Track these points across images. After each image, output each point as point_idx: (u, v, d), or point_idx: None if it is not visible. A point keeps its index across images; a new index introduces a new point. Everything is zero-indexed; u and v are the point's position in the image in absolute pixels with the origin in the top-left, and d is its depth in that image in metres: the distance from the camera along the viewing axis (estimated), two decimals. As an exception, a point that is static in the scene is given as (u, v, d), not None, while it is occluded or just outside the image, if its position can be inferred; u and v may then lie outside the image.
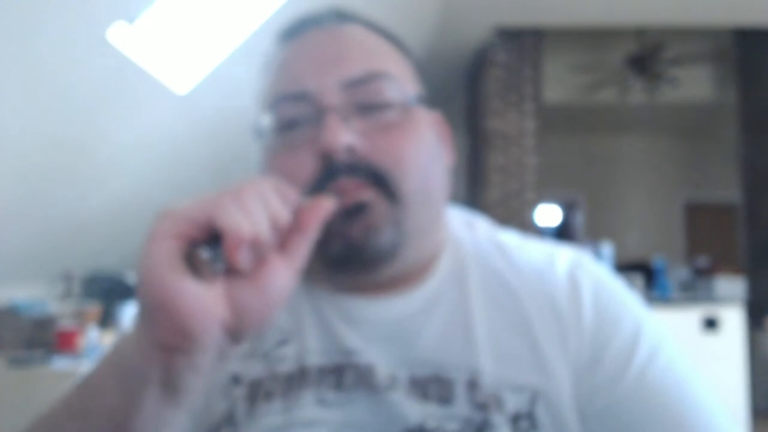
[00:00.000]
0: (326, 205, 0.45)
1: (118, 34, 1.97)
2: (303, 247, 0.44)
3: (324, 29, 0.62)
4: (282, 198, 0.43)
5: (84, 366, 2.07)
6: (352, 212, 0.54)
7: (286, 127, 0.58)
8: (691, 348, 3.25)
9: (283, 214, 0.42)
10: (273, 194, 0.42)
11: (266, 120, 0.60)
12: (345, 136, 0.54)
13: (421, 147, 0.59)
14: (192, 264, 0.39)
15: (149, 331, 0.39)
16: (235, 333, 0.41)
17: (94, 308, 2.58)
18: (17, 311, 2.36)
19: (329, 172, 0.54)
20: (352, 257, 0.55)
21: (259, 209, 0.40)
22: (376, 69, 0.59)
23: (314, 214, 0.45)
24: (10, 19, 1.60)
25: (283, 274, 0.42)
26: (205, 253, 0.39)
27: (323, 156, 0.55)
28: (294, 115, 0.58)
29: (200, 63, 2.51)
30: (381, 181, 0.55)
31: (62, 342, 2.26)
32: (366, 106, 0.58)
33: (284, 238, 0.43)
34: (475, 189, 5.55)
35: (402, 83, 0.60)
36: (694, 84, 6.32)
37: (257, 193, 0.41)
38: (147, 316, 0.39)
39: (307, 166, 0.55)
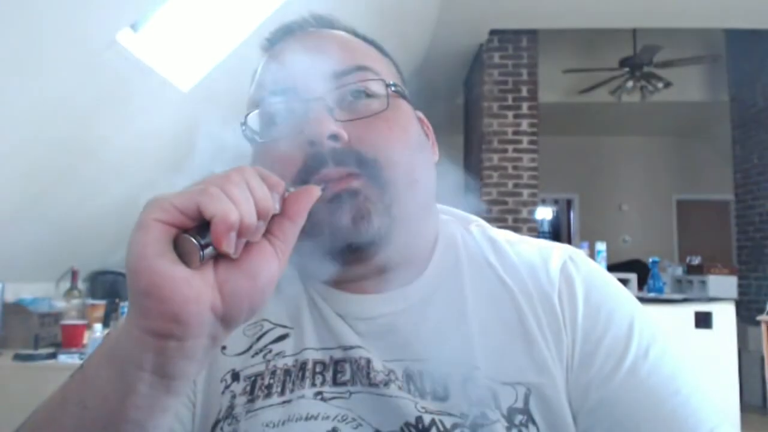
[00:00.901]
0: (313, 192, 0.46)
1: (125, 36, 2.01)
2: (290, 233, 0.44)
3: (306, 33, 0.64)
4: (268, 184, 0.43)
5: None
6: (342, 199, 0.55)
7: (273, 122, 0.60)
8: (685, 345, 3.30)
9: (269, 201, 0.42)
10: (258, 181, 0.42)
11: (254, 117, 0.61)
12: (329, 126, 0.55)
13: (407, 135, 0.60)
14: (182, 251, 0.39)
15: (140, 318, 0.39)
16: (225, 318, 0.41)
17: (98, 305, 2.61)
18: (24, 307, 2.37)
19: (316, 162, 0.55)
20: (343, 245, 0.56)
21: (245, 196, 0.40)
22: (358, 63, 0.61)
23: (301, 200, 0.45)
24: (20, 22, 1.63)
25: (271, 260, 0.42)
26: (193, 240, 0.38)
27: (309, 145, 0.55)
28: (280, 110, 0.59)
29: (203, 60, 2.55)
30: (368, 169, 0.56)
31: (68, 337, 2.27)
32: (349, 97, 0.59)
33: (272, 224, 0.43)
34: (471, 188, 5.59)
35: (384, 76, 0.61)
36: (687, 85, 6.37)
37: (243, 180, 0.41)
38: (137, 303, 0.39)
39: (295, 157, 0.56)
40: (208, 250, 0.39)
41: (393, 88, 0.61)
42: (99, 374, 0.42)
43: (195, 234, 0.39)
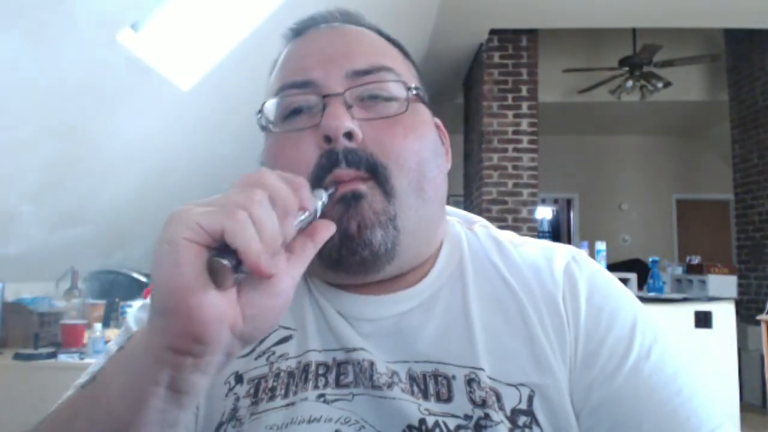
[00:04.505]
0: (330, 228, 0.47)
1: (125, 36, 2.01)
2: (310, 252, 0.44)
3: (330, 27, 0.64)
4: (293, 187, 0.43)
5: (89, 361, 2.09)
6: (348, 201, 0.55)
7: (290, 114, 0.59)
8: (684, 344, 3.30)
9: (292, 223, 0.42)
10: (284, 194, 0.42)
11: (271, 107, 0.61)
12: (346, 122, 0.55)
13: (421, 142, 0.59)
14: (209, 269, 0.39)
15: (161, 334, 0.39)
16: (244, 336, 0.41)
17: (98, 305, 2.61)
18: (24, 307, 2.38)
19: (330, 161, 0.55)
20: (348, 253, 0.55)
21: (271, 219, 0.39)
22: (380, 63, 0.60)
23: (323, 231, 0.46)
24: (20, 23, 1.64)
25: (290, 277, 0.42)
26: (227, 264, 0.38)
27: (325, 141, 0.55)
28: (299, 103, 0.59)
29: (203, 59, 2.56)
30: (377, 174, 0.56)
31: (68, 337, 2.28)
32: (369, 97, 0.58)
33: (293, 241, 0.43)
34: (471, 188, 5.60)
35: (405, 79, 0.61)
36: (687, 84, 6.37)
37: (267, 197, 0.40)
38: (161, 320, 0.39)
39: (310, 153, 0.56)
40: (239, 274, 0.39)
41: (414, 92, 0.60)
42: (110, 390, 0.41)
43: (223, 255, 0.38)
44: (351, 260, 0.56)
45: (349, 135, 0.55)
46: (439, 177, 0.61)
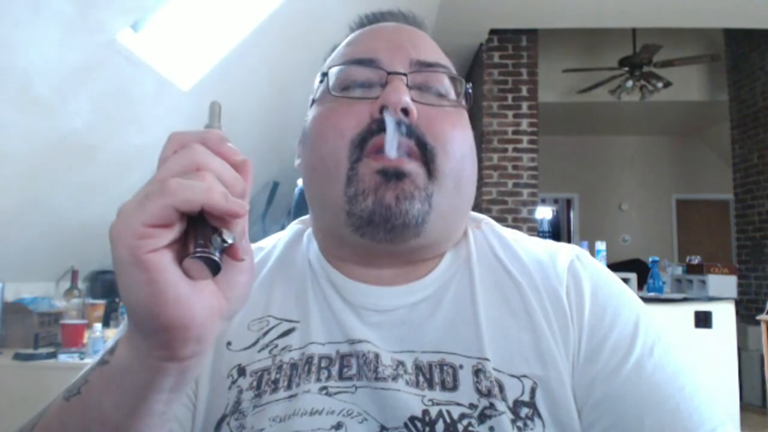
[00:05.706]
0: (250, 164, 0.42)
1: (125, 36, 2.01)
2: (246, 197, 0.41)
3: (398, 23, 0.68)
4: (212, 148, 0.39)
5: (89, 361, 2.09)
6: (390, 175, 0.56)
7: (349, 86, 0.61)
8: (685, 344, 3.29)
9: (232, 172, 0.39)
10: (208, 152, 0.39)
11: (334, 74, 0.62)
12: (405, 97, 0.57)
13: (465, 141, 0.62)
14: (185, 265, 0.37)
15: (160, 349, 0.38)
16: (230, 315, 0.42)
17: (98, 305, 2.61)
18: (24, 307, 2.37)
19: (379, 127, 0.57)
20: (380, 220, 0.56)
21: (216, 162, 0.38)
22: (442, 62, 0.64)
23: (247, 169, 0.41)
24: (20, 21, 1.64)
25: (248, 249, 0.41)
26: (212, 257, 0.37)
27: (380, 111, 0.57)
28: (361, 77, 0.61)
29: (203, 59, 2.56)
30: (425, 152, 0.58)
31: (68, 337, 2.28)
32: (426, 87, 0.62)
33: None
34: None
35: (459, 87, 0.65)
36: (687, 84, 6.37)
37: (198, 151, 0.38)
38: (156, 338, 0.38)
39: (361, 119, 0.58)
40: (214, 256, 0.37)
41: (463, 97, 0.64)
42: (103, 403, 0.41)
43: (195, 251, 0.36)
44: (381, 226, 0.56)
45: (405, 111, 0.57)
46: (473, 178, 0.64)
